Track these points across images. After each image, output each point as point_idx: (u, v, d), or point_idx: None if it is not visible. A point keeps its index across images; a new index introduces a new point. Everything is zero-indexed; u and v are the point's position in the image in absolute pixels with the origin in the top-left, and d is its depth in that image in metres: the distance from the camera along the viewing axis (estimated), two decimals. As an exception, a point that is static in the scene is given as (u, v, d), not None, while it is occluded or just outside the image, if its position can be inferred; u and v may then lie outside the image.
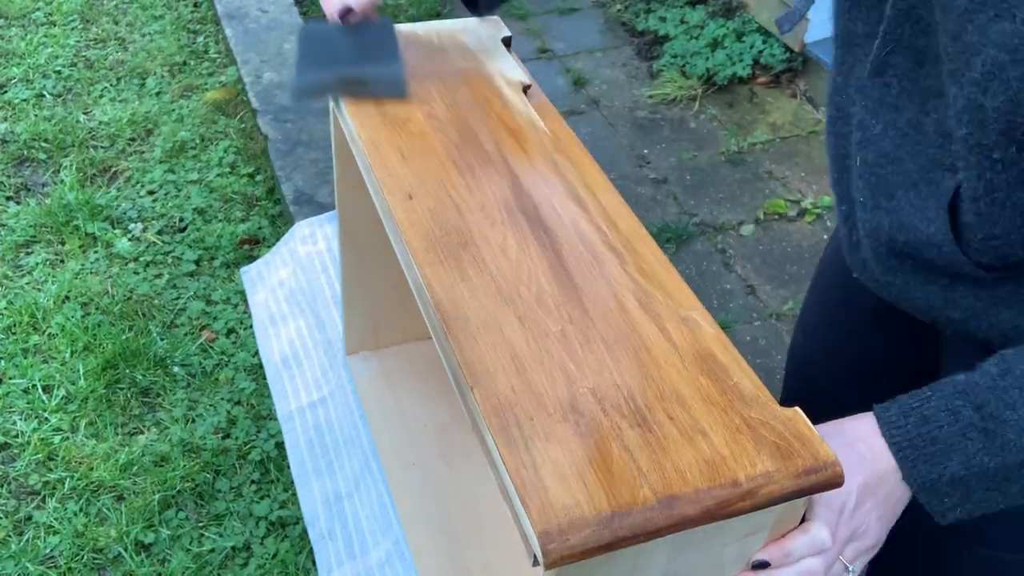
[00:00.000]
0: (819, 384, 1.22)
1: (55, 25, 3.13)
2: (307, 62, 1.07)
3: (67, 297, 2.16)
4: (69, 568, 1.66)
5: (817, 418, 0.83)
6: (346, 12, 1.04)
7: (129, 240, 2.32)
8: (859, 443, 0.73)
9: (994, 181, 0.73)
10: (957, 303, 0.85)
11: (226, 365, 2.04)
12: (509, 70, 1.10)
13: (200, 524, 1.74)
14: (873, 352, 1.11)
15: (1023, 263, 0.79)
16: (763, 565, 0.72)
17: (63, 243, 2.31)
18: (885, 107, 0.82)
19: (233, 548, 1.71)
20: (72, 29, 3.12)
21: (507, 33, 1.16)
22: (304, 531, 1.71)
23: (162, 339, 2.08)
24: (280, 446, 1.85)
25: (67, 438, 1.87)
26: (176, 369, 2.02)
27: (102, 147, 2.63)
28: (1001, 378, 0.71)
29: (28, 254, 2.28)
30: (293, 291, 1.84)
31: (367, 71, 1.05)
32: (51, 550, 1.69)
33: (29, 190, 2.48)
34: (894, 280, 0.89)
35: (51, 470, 1.81)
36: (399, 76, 1.06)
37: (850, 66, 0.85)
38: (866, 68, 0.82)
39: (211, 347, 2.06)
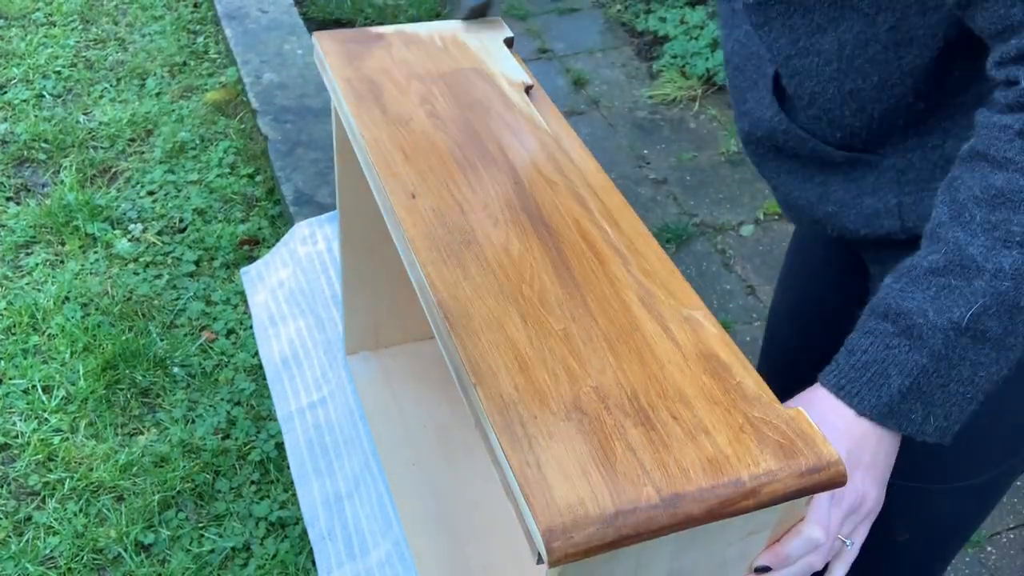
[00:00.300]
0: (793, 360, 1.28)
1: (55, 25, 3.13)
2: None
3: (67, 298, 2.16)
4: (69, 568, 1.66)
5: (789, 373, 0.89)
6: None
7: (129, 240, 2.32)
8: (827, 415, 0.74)
9: (769, 28, 0.86)
10: (829, 197, 0.92)
11: (226, 365, 2.04)
12: (511, 70, 1.10)
13: (200, 524, 1.74)
14: (825, 299, 1.19)
15: (865, 137, 0.87)
16: (765, 570, 0.72)
17: (63, 243, 2.31)
18: (729, 25, 0.94)
19: (233, 548, 1.71)
20: (72, 29, 3.12)
21: (509, 34, 1.16)
22: (304, 531, 1.71)
23: (162, 339, 2.07)
24: (280, 446, 1.85)
25: (67, 438, 1.87)
26: (176, 370, 2.01)
27: (102, 147, 2.63)
28: (894, 282, 0.73)
29: (28, 254, 2.28)
30: (293, 291, 1.84)
31: None
32: (51, 550, 1.69)
33: (29, 190, 2.48)
34: (778, 182, 0.97)
35: (51, 471, 1.81)
36: None
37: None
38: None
39: (211, 347, 2.06)
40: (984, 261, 0.68)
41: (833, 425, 0.73)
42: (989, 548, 1.84)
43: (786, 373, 1.28)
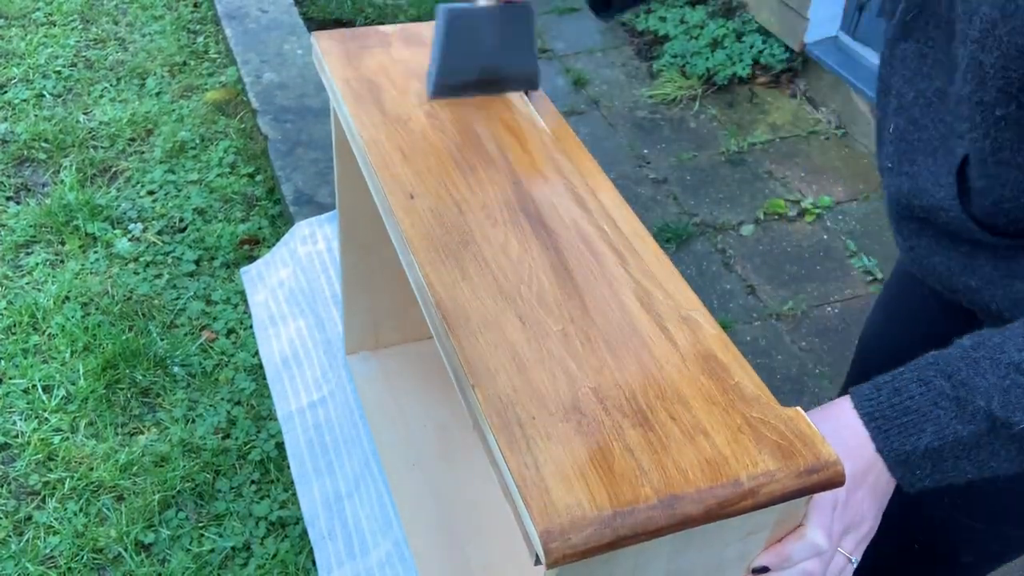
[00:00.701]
0: (875, 359, 1.23)
1: (55, 25, 3.13)
2: (451, 50, 1.03)
3: (67, 297, 2.16)
4: (69, 568, 1.66)
5: None
6: None
7: (129, 240, 2.32)
8: (843, 430, 0.73)
9: (998, 140, 0.76)
10: (975, 271, 0.88)
11: (226, 365, 2.04)
12: (510, 70, 1.10)
13: (200, 524, 1.74)
14: (926, 333, 1.12)
15: None
16: (763, 570, 0.72)
17: (63, 243, 2.31)
18: (919, 76, 0.85)
19: (233, 548, 1.71)
20: (72, 29, 3.12)
21: (508, 33, 1.16)
22: (304, 531, 1.71)
23: (162, 339, 2.07)
24: (280, 446, 1.85)
25: (67, 438, 1.87)
26: (176, 369, 2.01)
27: (102, 147, 2.63)
28: (973, 350, 0.72)
29: (28, 254, 2.28)
30: (293, 291, 1.84)
31: (506, 63, 1.04)
32: (51, 550, 1.69)
33: (29, 190, 2.48)
34: (917, 244, 0.92)
35: (51, 470, 1.81)
36: (534, 69, 1.05)
37: (894, 35, 0.89)
38: (890, 31, 0.87)
39: (211, 347, 2.06)
40: None
41: (845, 443, 0.73)
42: (989, 548, 1.84)
43: None
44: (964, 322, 1.01)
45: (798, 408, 0.72)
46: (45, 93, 2.82)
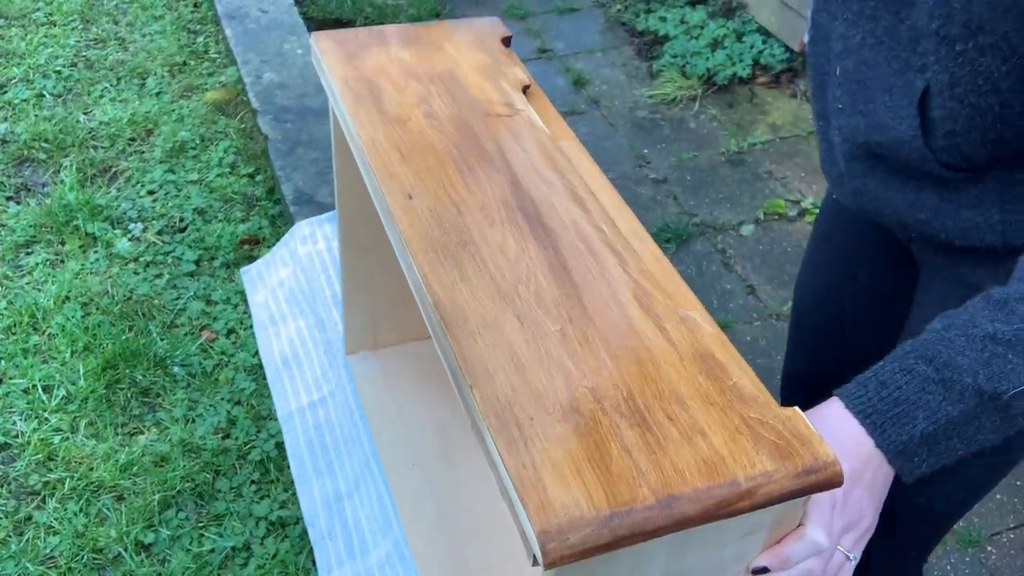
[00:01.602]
0: (825, 329, 1.27)
1: (55, 25, 3.13)
2: None
3: (67, 297, 2.16)
4: (69, 568, 1.66)
5: (827, 362, 0.85)
6: None
7: (129, 240, 2.32)
8: (839, 432, 0.74)
9: (956, 75, 0.81)
10: (923, 204, 0.93)
11: (226, 365, 2.04)
12: (509, 70, 1.10)
13: (200, 524, 1.74)
14: (870, 290, 1.17)
15: (981, 166, 0.86)
16: (763, 571, 0.72)
17: (63, 243, 2.31)
18: (863, 18, 0.89)
19: (233, 548, 1.71)
20: (72, 29, 3.12)
21: (507, 33, 1.16)
22: (304, 531, 1.71)
23: (162, 339, 2.08)
24: (280, 446, 1.85)
25: (67, 438, 1.87)
26: (176, 369, 2.02)
27: (102, 147, 2.63)
28: (946, 331, 0.74)
29: (28, 254, 2.28)
30: (293, 291, 1.84)
31: None
32: (51, 550, 1.69)
33: (29, 190, 2.48)
34: (866, 184, 0.96)
35: (51, 470, 1.81)
36: None
37: None
38: None
39: (211, 347, 2.07)
40: None
41: (842, 444, 0.73)
42: (989, 548, 1.84)
43: (815, 357, 1.30)
44: (902, 265, 1.12)
45: (796, 408, 0.72)
46: (45, 93, 2.82)
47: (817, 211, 2.55)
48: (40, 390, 1.95)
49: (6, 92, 2.82)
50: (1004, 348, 0.71)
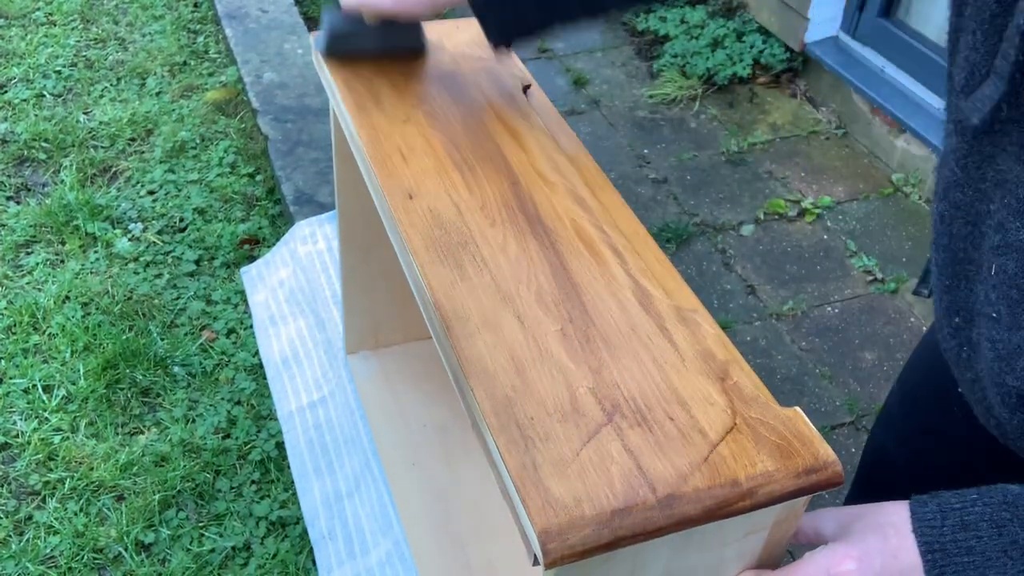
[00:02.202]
0: (899, 484, 1.08)
1: (55, 25, 3.13)
2: (331, 28, 1.07)
3: (67, 297, 2.16)
4: (69, 568, 1.66)
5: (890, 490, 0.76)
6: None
7: (129, 240, 2.32)
8: (897, 550, 0.67)
9: None
10: None
11: (226, 365, 2.04)
12: (509, 70, 1.10)
13: (200, 524, 1.74)
14: (964, 457, 0.97)
15: None
16: None
17: (63, 243, 2.31)
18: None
19: (233, 548, 1.71)
20: (72, 29, 3.12)
21: (507, 33, 1.16)
22: (304, 531, 1.71)
23: (162, 339, 2.08)
24: (280, 446, 1.85)
25: (67, 438, 1.87)
26: (176, 369, 2.02)
27: (102, 147, 2.63)
28: None
29: (28, 254, 2.28)
30: (293, 291, 1.84)
31: (392, 44, 1.08)
32: (51, 550, 1.69)
33: (29, 190, 2.48)
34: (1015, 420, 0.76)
35: (51, 470, 1.81)
36: (420, 36, 1.09)
37: (984, 152, 0.69)
38: (967, 132, 0.69)
39: (211, 347, 2.06)
40: None
41: (894, 557, 0.67)
42: (989, 547, 1.84)
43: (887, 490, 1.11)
44: (993, 447, 0.88)
45: (797, 408, 0.72)
46: (45, 93, 2.82)
47: (817, 211, 2.56)
48: (40, 390, 1.95)
49: (6, 92, 2.81)
50: None
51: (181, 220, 2.40)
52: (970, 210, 0.73)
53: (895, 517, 0.67)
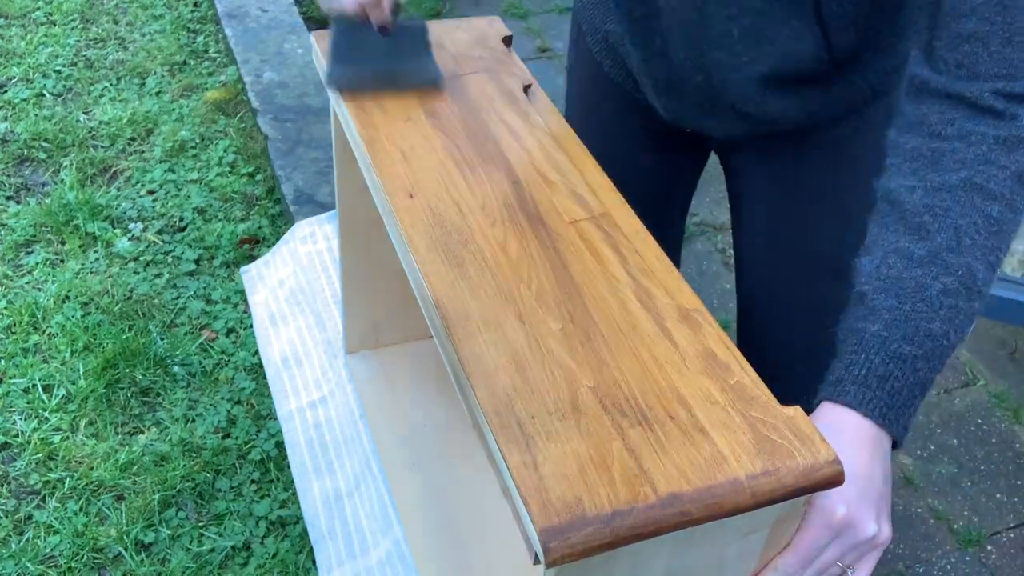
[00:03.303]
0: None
1: (55, 25, 3.13)
2: (339, 56, 1.05)
3: (67, 297, 2.16)
4: (69, 568, 1.66)
5: None
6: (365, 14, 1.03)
7: (129, 240, 2.32)
8: (860, 441, 0.73)
9: None
10: (805, 107, 1.04)
11: (226, 365, 2.04)
12: (510, 69, 1.10)
13: (200, 524, 1.74)
14: (650, 177, 1.27)
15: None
16: None
17: (63, 243, 2.31)
18: None
19: (233, 548, 1.71)
20: (72, 29, 3.12)
21: (508, 32, 1.16)
22: (304, 531, 1.71)
23: (162, 339, 2.08)
24: (280, 446, 1.85)
25: (67, 438, 1.87)
26: (176, 369, 2.01)
27: (102, 147, 2.63)
28: (900, 304, 0.75)
29: (28, 254, 2.28)
30: (293, 291, 1.84)
31: (399, 65, 1.05)
32: (51, 550, 1.69)
33: (29, 190, 2.48)
34: (765, 102, 1.03)
35: (51, 470, 1.81)
36: (432, 66, 1.06)
37: None
38: None
39: (211, 347, 2.06)
40: (983, 285, 0.75)
41: (858, 449, 0.73)
42: (989, 547, 1.84)
43: None
44: (677, 150, 1.26)
45: (797, 407, 0.72)
46: (45, 92, 2.82)
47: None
48: (40, 390, 1.95)
49: (6, 91, 2.81)
50: (955, 299, 0.75)
51: (181, 220, 2.40)
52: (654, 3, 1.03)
53: (843, 422, 0.74)
